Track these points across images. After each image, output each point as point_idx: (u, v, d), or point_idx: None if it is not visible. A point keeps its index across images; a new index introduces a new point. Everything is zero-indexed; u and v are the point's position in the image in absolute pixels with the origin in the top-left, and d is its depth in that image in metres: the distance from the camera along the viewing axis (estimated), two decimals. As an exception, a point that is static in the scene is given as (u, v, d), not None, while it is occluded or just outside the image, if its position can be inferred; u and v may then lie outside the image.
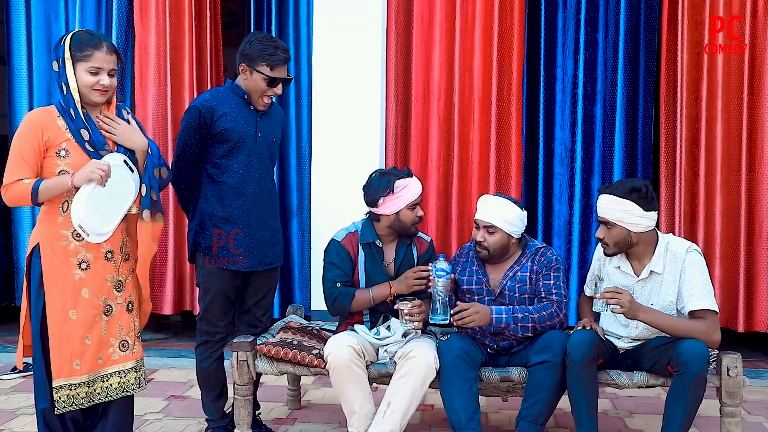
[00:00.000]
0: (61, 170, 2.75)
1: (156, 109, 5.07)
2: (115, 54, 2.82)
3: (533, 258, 3.37)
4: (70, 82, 2.75)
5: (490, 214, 3.31)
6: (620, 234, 3.16)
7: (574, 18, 4.89)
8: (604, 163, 4.90)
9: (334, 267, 3.43)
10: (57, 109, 2.79)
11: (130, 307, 2.93)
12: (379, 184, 3.40)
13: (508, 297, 3.34)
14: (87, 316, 2.79)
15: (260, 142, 3.34)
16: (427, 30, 4.95)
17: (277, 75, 3.24)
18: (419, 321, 3.29)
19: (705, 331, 3.03)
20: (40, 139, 2.73)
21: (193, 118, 3.25)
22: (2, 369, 4.74)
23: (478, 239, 3.34)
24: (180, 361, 4.84)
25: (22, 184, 2.71)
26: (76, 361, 2.78)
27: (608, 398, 4.14)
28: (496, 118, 4.85)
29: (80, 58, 2.75)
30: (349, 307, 3.39)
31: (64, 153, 2.75)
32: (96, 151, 2.77)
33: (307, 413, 3.98)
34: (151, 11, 5.05)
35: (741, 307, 4.61)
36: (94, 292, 2.81)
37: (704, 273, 3.16)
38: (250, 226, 3.34)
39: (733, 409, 3.15)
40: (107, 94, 2.81)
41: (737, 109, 4.62)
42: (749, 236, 4.64)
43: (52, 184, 2.72)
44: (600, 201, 3.21)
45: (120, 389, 2.90)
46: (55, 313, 2.75)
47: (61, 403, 2.76)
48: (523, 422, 3.16)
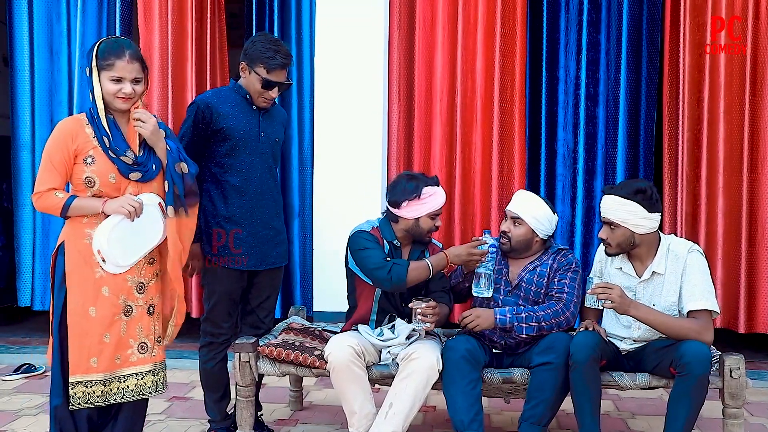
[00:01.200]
0: (87, 176, 2.80)
1: (158, 110, 5.07)
2: (138, 62, 2.85)
3: (554, 257, 3.41)
4: (95, 90, 2.81)
5: (519, 207, 3.38)
6: (623, 235, 3.16)
7: (577, 19, 4.88)
8: (607, 164, 4.89)
9: (373, 249, 3.32)
10: (87, 116, 2.85)
11: (151, 310, 2.95)
12: (406, 187, 3.38)
13: (524, 290, 3.36)
14: (106, 314, 2.82)
15: (263, 141, 3.34)
16: (430, 31, 4.95)
17: (273, 78, 3.24)
18: (432, 322, 3.27)
19: (696, 331, 3.04)
20: (70, 147, 2.78)
21: (191, 114, 3.28)
22: (5, 370, 4.75)
23: (503, 229, 3.40)
24: (182, 362, 4.84)
25: (55, 197, 2.78)
26: (94, 358, 2.80)
27: (611, 399, 4.14)
28: (498, 120, 4.85)
29: (103, 66, 2.80)
30: (406, 275, 3.22)
31: (90, 160, 2.80)
32: (118, 157, 2.81)
33: (309, 414, 3.99)
34: (155, 12, 5.05)
35: (742, 309, 4.61)
36: (114, 291, 2.84)
37: (705, 273, 3.16)
38: (253, 226, 3.34)
39: (735, 411, 3.14)
40: (131, 101, 2.86)
41: (739, 110, 4.62)
42: (751, 237, 4.63)
43: (84, 205, 2.80)
44: (604, 201, 3.21)
45: (137, 391, 2.91)
46: (75, 310, 2.79)
47: (76, 400, 2.79)
48: (526, 423, 3.16)
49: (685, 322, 3.07)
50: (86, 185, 2.81)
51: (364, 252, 3.34)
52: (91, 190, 2.81)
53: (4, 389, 4.41)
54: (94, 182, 2.81)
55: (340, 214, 4.62)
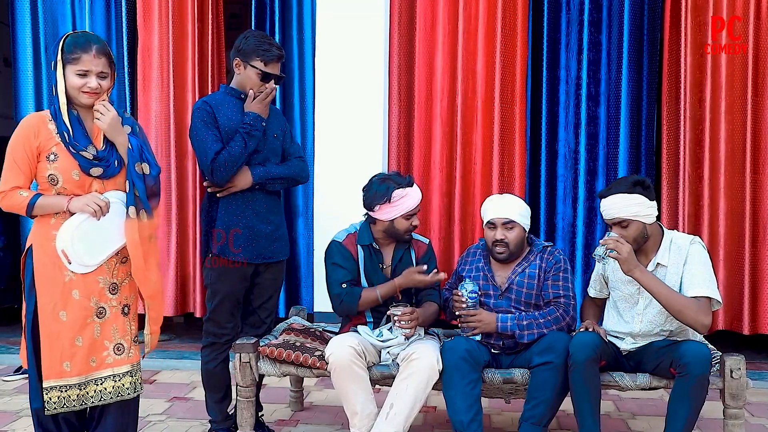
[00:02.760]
0: (50, 173, 2.75)
1: (159, 111, 5.09)
2: (104, 57, 2.79)
3: (541, 256, 3.39)
4: (58, 84, 2.76)
5: (506, 210, 3.36)
6: (638, 229, 3.16)
7: (578, 18, 4.88)
8: (608, 164, 4.88)
9: (338, 267, 3.42)
10: (50, 112, 2.80)
11: (126, 311, 2.89)
12: (377, 190, 3.38)
13: (515, 292, 3.35)
14: (77, 317, 2.76)
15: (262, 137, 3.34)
16: (430, 32, 4.95)
17: (270, 71, 3.28)
18: (410, 328, 3.28)
19: (694, 310, 3.02)
20: (32, 144, 2.74)
21: (202, 113, 3.26)
22: (6, 370, 4.76)
23: (498, 238, 3.34)
24: (183, 362, 4.85)
25: (20, 196, 2.73)
26: (66, 362, 2.75)
27: (611, 400, 4.14)
28: (499, 120, 4.84)
29: (69, 60, 2.75)
30: (356, 306, 3.36)
31: (53, 156, 2.75)
32: (78, 153, 2.75)
33: (309, 415, 3.99)
34: (154, 13, 5.07)
35: (746, 310, 4.60)
36: (85, 293, 2.78)
37: (707, 264, 3.16)
38: (248, 219, 3.34)
39: (736, 411, 3.13)
40: (96, 96, 2.80)
41: (741, 111, 4.61)
42: (754, 238, 4.63)
43: (48, 203, 2.75)
44: (609, 202, 3.17)
45: (114, 393, 2.85)
46: (45, 314, 2.74)
47: (52, 404, 2.74)
48: (526, 424, 3.16)
49: (684, 299, 3.06)
50: (50, 183, 2.75)
51: (330, 268, 3.45)
52: (55, 188, 2.75)
53: (4, 390, 4.42)
54: (57, 179, 2.75)
55: (340, 214, 4.59)
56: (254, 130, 3.24)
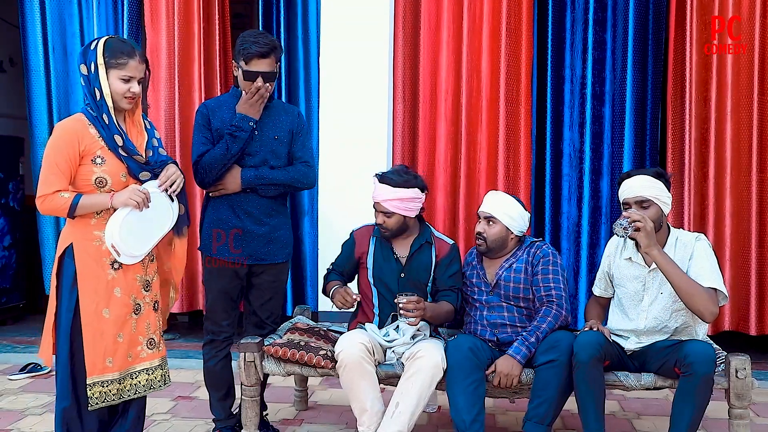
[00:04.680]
0: (97, 177, 2.80)
1: (166, 110, 5.11)
2: (145, 63, 2.88)
3: (528, 250, 3.42)
4: (104, 88, 2.78)
5: (491, 206, 3.43)
6: (657, 213, 3.16)
7: (583, 18, 4.88)
8: (614, 163, 4.87)
9: (339, 255, 3.64)
10: (86, 116, 2.83)
11: (155, 306, 3.02)
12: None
13: (503, 287, 3.38)
14: (119, 314, 2.85)
15: (256, 140, 3.30)
16: (435, 31, 4.95)
17: (252, 68, 3.20)
18: (416, 316, 3.25)
19: (705, 298, 3.01)
20: (77, 149, 2.77)
21: (198, 116, 3.33)
22: (11, 369, 4.77)
23: (478, 230, 3.44)
24: (187, 361, 4.85)
25: (61, 198, 2.76)
26: (109, 358, 2.83)
27: (616, 400, 4.13)
28: (504, 119, 4.84)
29: (114, 65, 2.78)
30: (324, 290, 3.60)
31: (99, 160, 2.80)
32: (130, 156, 2.82)
33: (314, 414, 3.99)
34: (161, 13, 5.09)
35: (753, 310, 4.58)
36: (126, 291, 2.88)
37: (712, 258, 3.16)
38: (237, 220, 3.33)
39: (741, 411, 3.12)
40: (135, 101, 2.87)
41: (747, 109, 4.60)
42: (760, 238, 4.61)
43: (92, 202, 2.80)
44: (633, 182, 3.18)
45: (147, 386, 2.97)
46: (89, 312, 2.81)
47: (95, 400, 2.81)
48: (530, 423, 3.15)
49: (696, 285, 3.04)
50: (97, 186, 2.81)
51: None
52: (101, 190, 2.81)
53: (10, 388, 4.43)
54: (106, 182, 2.81)
55: (344, 213, 4.62)
56: (238, 131, 3.22)
